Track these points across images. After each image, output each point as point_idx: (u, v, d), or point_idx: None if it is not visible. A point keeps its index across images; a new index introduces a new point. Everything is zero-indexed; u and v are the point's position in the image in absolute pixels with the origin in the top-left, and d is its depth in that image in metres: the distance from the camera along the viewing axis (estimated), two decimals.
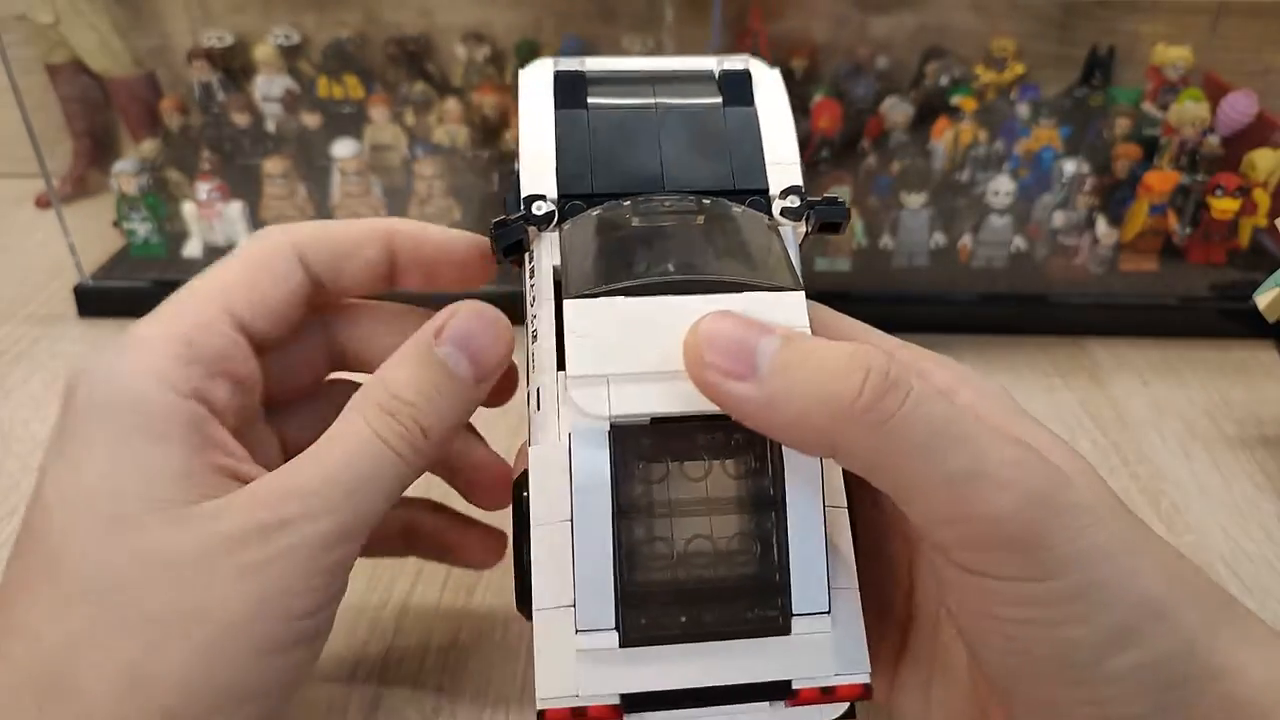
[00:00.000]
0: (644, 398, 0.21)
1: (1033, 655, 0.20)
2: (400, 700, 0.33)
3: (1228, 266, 0.54)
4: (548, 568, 0.21)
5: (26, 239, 0.64)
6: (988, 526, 0.20)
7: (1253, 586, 0.38)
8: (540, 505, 0.21)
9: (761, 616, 0.21)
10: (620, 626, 0.21)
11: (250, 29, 0.59)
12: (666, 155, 0.25)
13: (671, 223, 0.24)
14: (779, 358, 0.20)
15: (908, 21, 0.57)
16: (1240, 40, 0.56)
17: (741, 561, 0.21)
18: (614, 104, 0.26)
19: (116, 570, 0.21)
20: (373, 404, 0.23)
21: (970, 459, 0.20)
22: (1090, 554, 0.20)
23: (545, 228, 0.24)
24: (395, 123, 0.56)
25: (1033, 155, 0.53)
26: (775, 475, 0.21)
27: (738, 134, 0.26)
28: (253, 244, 0.26)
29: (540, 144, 0.25)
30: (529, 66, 0.28)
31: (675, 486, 0.21)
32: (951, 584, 0.21)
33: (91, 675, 0.20)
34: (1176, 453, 0.45)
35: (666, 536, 0.21)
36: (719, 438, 0.21)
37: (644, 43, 0.58)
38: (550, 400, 0.23)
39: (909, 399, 0.20)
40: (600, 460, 0.21)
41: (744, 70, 0.27)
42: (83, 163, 0.63)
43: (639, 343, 0.21)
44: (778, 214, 0.25)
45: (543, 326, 0.24)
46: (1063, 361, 0.51)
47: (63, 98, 0.60)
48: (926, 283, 0.54)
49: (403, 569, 0.38)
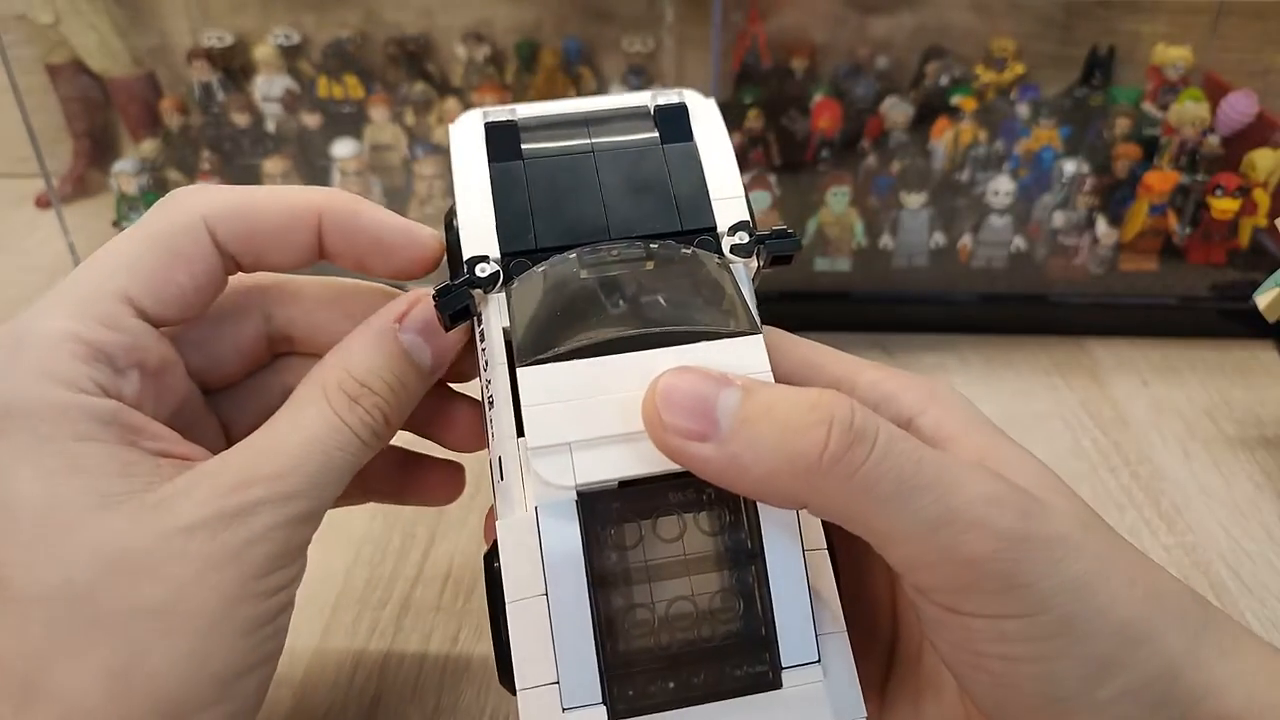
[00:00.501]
0: (609, 462, 0.21)
1: (1019, 690, 0.20)
2: (400, 700, 0.33)
3: (1228, 266, 0.54)
4: (527, 644, 0.21)
5: (26, 239, 0.64)
6: (964, 569, 0.20)
7: (1253, 586, 0.37)
8: (513, 580, 0.21)
9: (751, 673, 0.21)
10: (608, 700, 0.20)
11: (250, 29, 0.59)
12: (609, 200, 0.24)
13: (620, 271, 0.23)
14: (740, 413, 0.20)
15: (908, 21, 0.57)
16: (1240, 40, 0.56)
17: (725, 619, 0.21)
18: (549, 150, 0.25)
19: (75, 572, 0.20)
20: (335, 388, 0.23)
21: (942, 503, 0.19)
22: (1068, 587, 0.20)
23: (491, 289, 0.23)
24: (395, 123, 0.56)
25: (1033, 155, 0.53)
26: (752, 527, 0.21)
27: (679, 171, 0.25)
28: (159, 217, 0.24)
29: (477, 202, 0.24)
30: (458, 120, 0.26)
31: (650, 549, 0.21)
32: (934, 623, 0.21)
33: (69, 679, 0.20)
34: (1176, 453, 0.45)
35: (646, 602, 0.21)
36: (690, 495, 0.21)
37: (644, 42, 0.58)
38: (513, 469, 0.22)
39: (875, 448, 0.19)
40: (570, 532, 0.20)
41: (679, 104, 0.26)
42: (83, 163, 0.63)
43: (598, 406, 0.21)
44: (728, 251, 0.24)
45: (499, 393, 0.23)
46: (1063, 361, 0.51)
47: (63, 98, 0.60)
48: (926, 283, 0.54)
49: (403, 569, 0.38)
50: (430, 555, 0.38)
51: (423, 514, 0.40)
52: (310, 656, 0.34)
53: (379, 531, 0.39)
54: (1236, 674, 0.20)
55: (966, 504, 0.20)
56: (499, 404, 0.23)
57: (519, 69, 0.59)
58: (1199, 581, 0.38)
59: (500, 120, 0.25)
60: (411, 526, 0.40)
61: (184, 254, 0.24)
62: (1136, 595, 0.21)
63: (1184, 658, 0.20)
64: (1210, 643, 0.21)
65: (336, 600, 0.36)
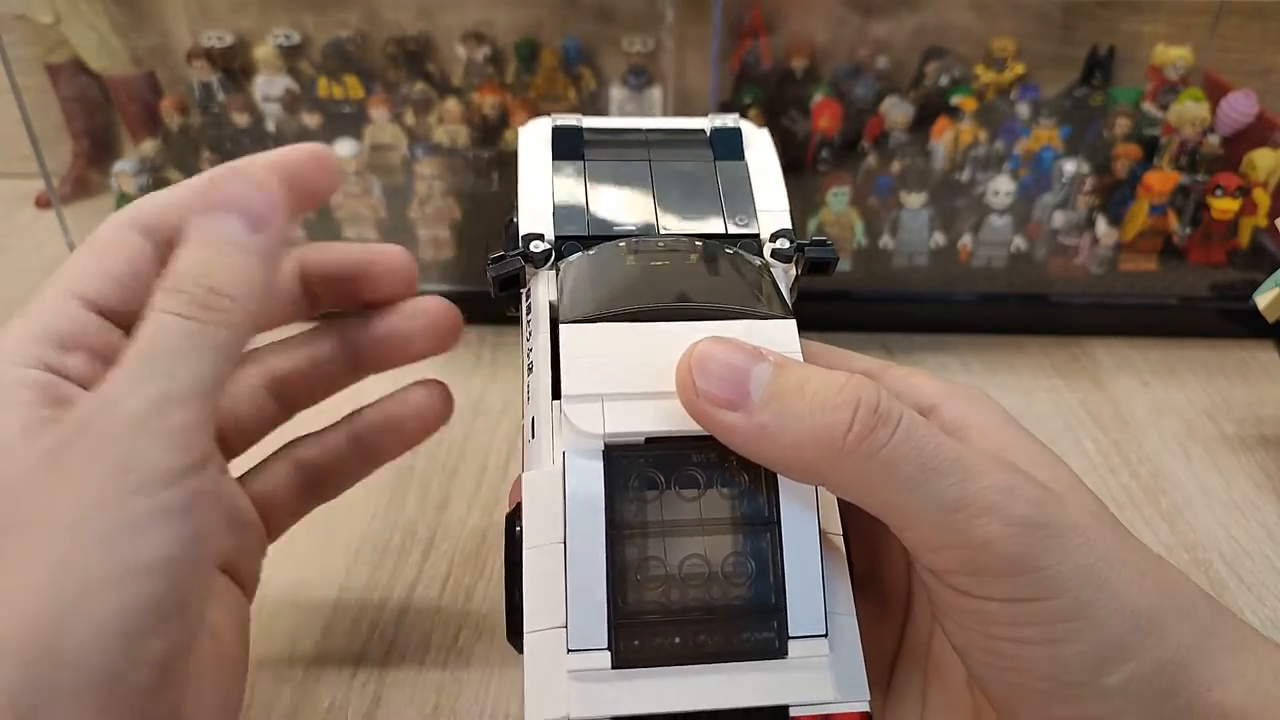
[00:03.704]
0: (638, 417, 0.21)
1: (1029, 674, 0.21)
2: (400, 700, 0.33)
3: (1228, 266, 0.54)
4: (540, 591, 0.21)
5: (26, 239, 0.64)
6: (979, 552, 0.20)
7: (1252, 584, 0.38)
8: (533, 528, 0.21)
9: (757, 639, 0.21)
10: (613, 647, 0.20)
11: (250, 29, 0.59)
12: (660, 202, 0.26)
13: (666, 260, 0.24)
14: (771, 386, 0.20)
15: (908, 21, 0.57)
16: (1240, 40, 0.56)
17: (737, 583, 0.21)
18: (609, 154, 0.27)
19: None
20: (157, 294, 0.23)
21: (959, 487, 0.20)
22: (1081, 572, 0.20)
23: (542, 265, 0.25)
24: (395, 123, 0.56)
25: (1033, 155, 0.53)
26: (770, 496, 0.22)
27: (728, 184, 0.27)
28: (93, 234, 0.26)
29: (538, 190, 0.26)
30: (527, 124, 0.29)
31: (669, 507, 0.21)
32: (946, 607, 0.22)
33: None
34: (1176, 453, 0.45)
35: (660, 557, 0.21)
36: (713, 458, 0.22)
37: (644, 42, 0.58)
38: (545, 428, 0.23)
39: (898, 431, 0.20)
40: (594, 477, 0.21)
41: (735, 127, 0.28)
42: (83, 163, 0.63)
43: (633, 366, 0.22)
44: (768, 255, 0.26)
45: (538, 358, 0.24)
46: (1063, 362, 0.51)
47: (63, 98, 0.60)
48: (926, 283, 0.54)
49: (403, 569, 0.38)
50: (430, 555, 0.38)
51: (423, 514, 0.40)
52: (311, 656, 0.34)
53: (379, 531, 0.39)
54: (1241, 667, 0.21)
55: (982, 490, 0.20)
56: (538, 367, 0.24)
57: (519, 69, 0.59)
58: (1199, 580, 0.37)
59: (567, 124, 0.28)
60: (412, 526, 0.40)
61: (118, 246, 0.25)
62: (1148, 586, 0.21)
63: (1192, 649, 0.21)
64: (1217, 636, 0.21)
65: (337, 599, 0.36)
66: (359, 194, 0.54)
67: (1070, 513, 0.21)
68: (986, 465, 0.21)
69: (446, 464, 0.43)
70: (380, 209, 0.55)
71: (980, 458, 0.21)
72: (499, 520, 0.31)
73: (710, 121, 0.28)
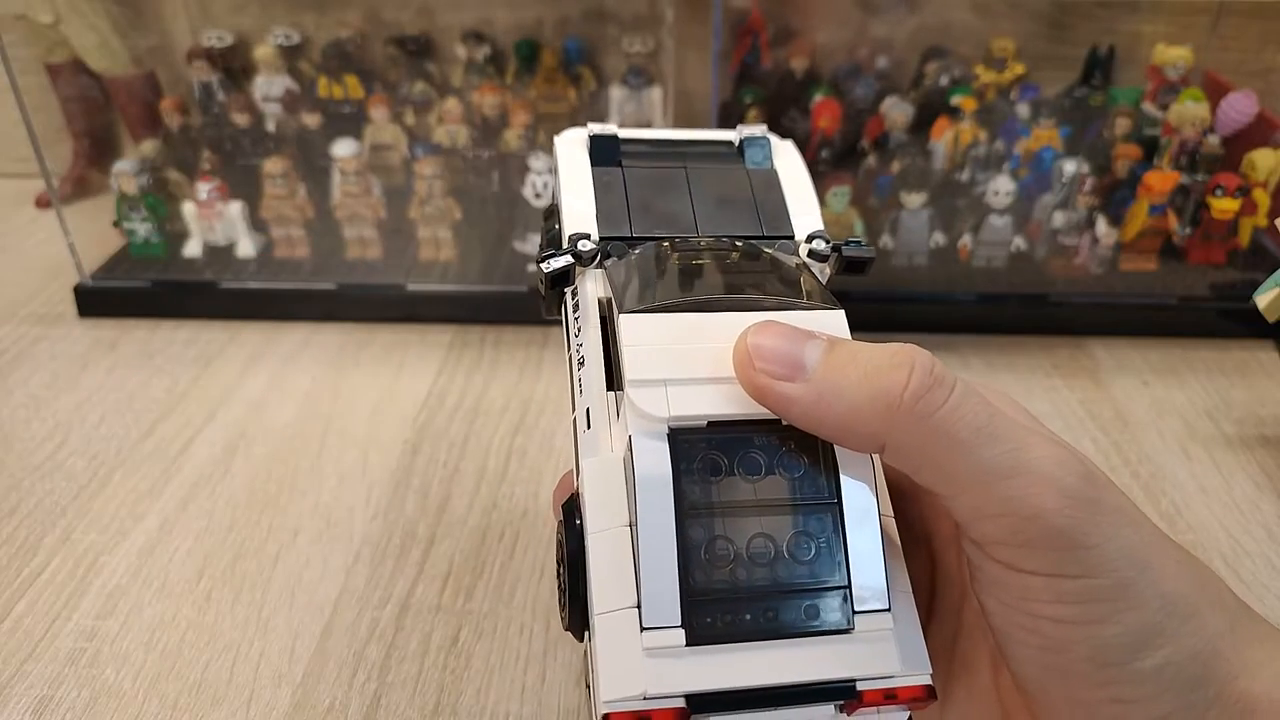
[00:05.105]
0: (700, 400, 0.22)
1: (1067, 655, 0.21)
2: (400, 700, 0.33)
3: (1228, 266, 0.54)
4: (607, 574, 0.21)
5: (26, 239, 0.64)
6: (1029, 522, 0.20)
7: (1252, 584, 0.38)
8: (596, 513, 0.22)
9: (825, 615, 0.21)
10: (686, 625, 0.21)
11: (250, 29, 0.59)
12: (698, 206, 0.27)
13: (711, 259, 0.25)
14: (826, 358, 0.21)
15: (908, 21, 0.57)
16: (1240, 40, 0.56)
17: (802, 560, 0.22)
18: (645, 162, 0.29)
19: None
20: None
21: (1013, 455, 0.20)
22: (1124, 554, 0.20)
23: (590, 264, 0.26)
24: (395, 123, 0.56)
25: (1033, 155, 0.53)
26: (831, 476, 0.22)
27: (761, 189, 0.28)
28: None
29: (580, 193, 0.27)
30: (563, 134, 0.30)
31: (733, 488, 0.22)
32: (989, 582, 0.22)
33: None
34: (1176, 453, 0.45)
35: (727, 536, 0.22)
36: (774, 440, 0.22)
37: (644, 42, 0.58)
38: (600, 418, 0.24)
39: (954, 394, 0.20)
40: (662, 459, 0.22)
41: (763, 136, 0.29)
42: (83, 163, 0.63)
43: (691, 352, 0.22)
44: (805, 256, 0.27)
45: (589, 352, 0.25)
46: (1063, 361, 0.51)
47: (63, 98, 0.61)
48: (926, 283, 0.54)
49: (403, 569, 0.38)
50: (430, 555, 0.38)
51: (423, 514, 0.40)
52: (310, 656, 0.34)
53: (379, 531, 0.39)
54: (1266, 657, 0.21)
55: (1037, 460, 0.20)
56: (589, 362, 0.25)
57: (519, 69, 0.59)
58: None
59: (604, 133, 0.29)
60: (412, 526, 0.40)
61: None
62: (1184, 574, 0.21)
63: (1223, 637, 0.21)
64: (1243, 627, 0.22)
65: (336, 600, 0.36)
66: (359, 194, 0.54)
67: (1114, 494, 0.21)
68: (1038, 438, 0.21)
69: (447, 464, 0.43)
70: (380, 209, 0.55)
71: (1031, 431, 0.21)
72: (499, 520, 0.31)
73: (738, 133, 0.29)
